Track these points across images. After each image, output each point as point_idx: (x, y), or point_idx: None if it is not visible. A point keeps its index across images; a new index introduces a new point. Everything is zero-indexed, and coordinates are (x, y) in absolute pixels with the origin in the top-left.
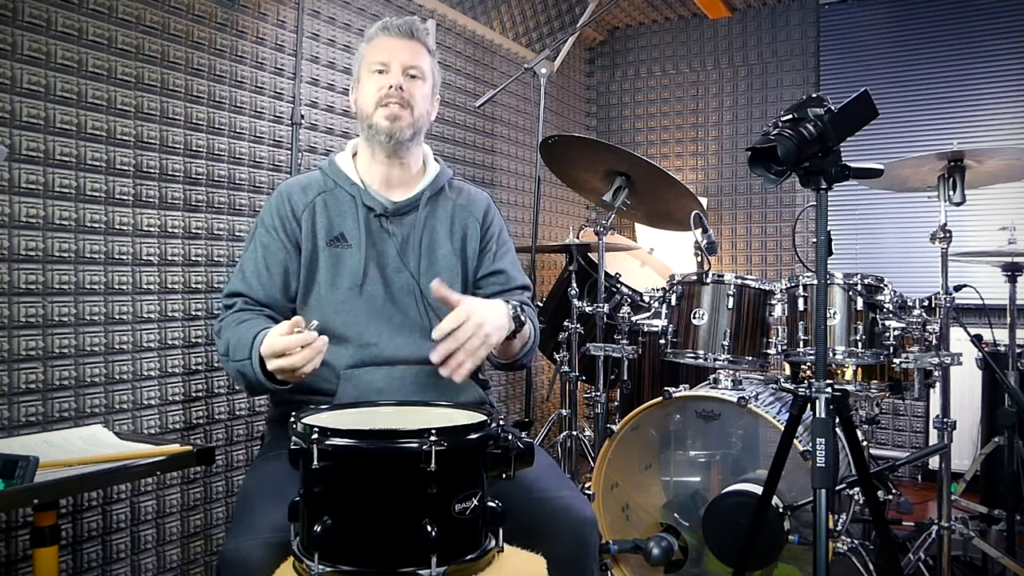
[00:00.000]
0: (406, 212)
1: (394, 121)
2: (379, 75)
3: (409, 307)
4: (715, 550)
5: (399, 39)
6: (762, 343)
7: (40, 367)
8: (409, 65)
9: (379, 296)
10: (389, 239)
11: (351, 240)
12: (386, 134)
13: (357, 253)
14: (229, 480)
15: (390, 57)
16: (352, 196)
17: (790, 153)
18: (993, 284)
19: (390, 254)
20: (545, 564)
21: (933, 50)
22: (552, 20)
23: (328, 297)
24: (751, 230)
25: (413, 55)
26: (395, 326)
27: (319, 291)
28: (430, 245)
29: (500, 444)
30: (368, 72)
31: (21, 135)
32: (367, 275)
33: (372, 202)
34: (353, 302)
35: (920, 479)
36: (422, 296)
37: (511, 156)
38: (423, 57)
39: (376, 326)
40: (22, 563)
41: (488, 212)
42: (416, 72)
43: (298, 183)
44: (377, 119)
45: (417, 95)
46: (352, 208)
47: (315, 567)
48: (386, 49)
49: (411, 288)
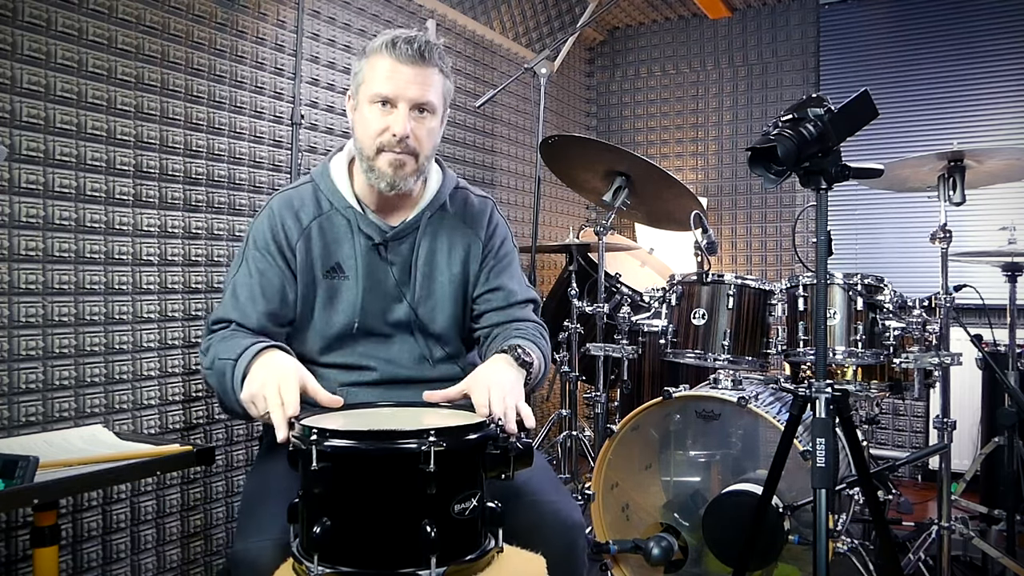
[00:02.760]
0: (405, 235)
1: (397, 170)
2: (382, 108)
3: (406, 336)
4: (715, 550)
5: (409, 66)
6: (762, 343)
7: (40, 367)
8: (419, 102)
9: (376, 327)
10: (387, 267)
11: (348, 271)
12: (388, 182)
13: (354, 287)
14: (229, 480)
15: (396, 91)
16: (347, 220)
17: (790, 153)
18: (993, 284)
19: (388, 283)
20: (545, 564)
21: (933, 50)
22: (552, 20)
23: (324, 329)
24: (751, 230)
25: (423, 88)
26: (392, 354)
27: (315, 323)
28: (429, 273)
29: (499, 445)
30: (369, 101)
31: (21, 135)
32: (365, 310)
33: (370, 228)
34: (349, 334)
35: (920, 479)
36: (419, 326)
37: (511, 156)
38: (435, 86)
39: (373, 354)
40: (22, 563)
41: (490, 224)
42: (426, 107)
43: (290, 205)
44: (379, 164)
45: (424, 136)
46: (348, 235)
47: (315, 568)
48: (391, 79)
49: (408, 318)
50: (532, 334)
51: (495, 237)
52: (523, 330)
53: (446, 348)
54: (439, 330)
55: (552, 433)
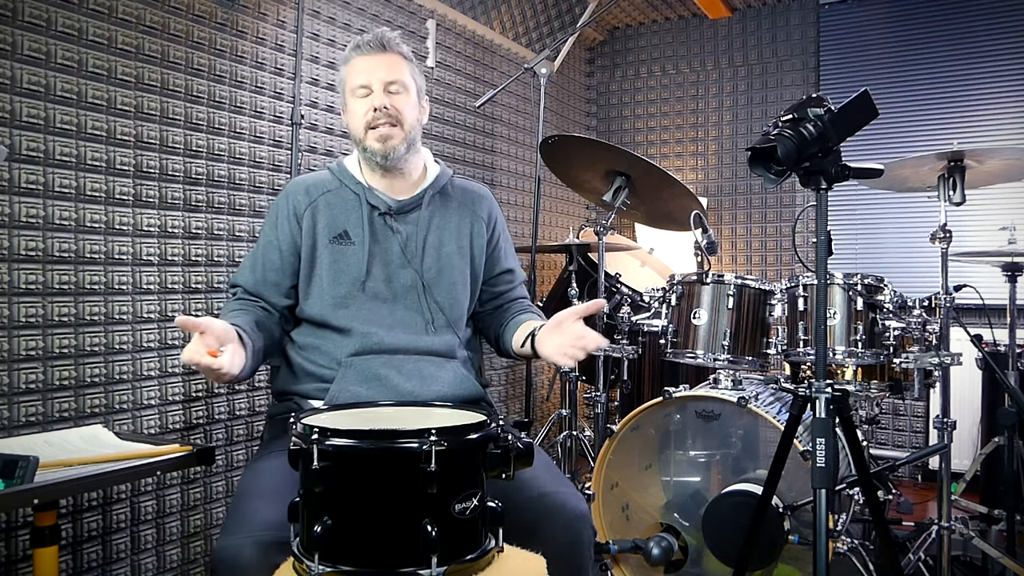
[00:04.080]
0: (410, 210)
1: (386, 142)
2: (362, 98)
3: (411, 303)
4: (715, 550)
5: (373, 55)
6: (762, 343)
7: (40, 367)
8: (388, 81)
9: (381, 292)
10: (393, 236)
11: (354, 237)
12: (381, 155)
13: (360, 250)
14: (229, 480)
15: (369, 77)
16: (356, 194)
17: (790, 153)
18: (993, 284)
19: (394, 251)
20: (545, 564)
21: (933, 50)
22: (552, 20)
23: (330, 291)
24: (751, 230)
25: (390, 69)
26: (396, 320)
27: (321, 286)
28: (436, 243)
29: (500, 444)
30: (352, 97)
31: (21, 135)
32: (370, 272)
33: (376, 200)
34: (355, 297)
35: (920, 479)
36: (425, 292)
37: (511, 156)
38: (401, 68)
39: (377, 320)
40: (22, 563)
41: (492, 208)
42: (397, 86)
43: (304, 182)
44: (369, 142)
45: (403, 108)
46: (356, 206)
47: (315, 567)
48: (363, 70)
49: (414, 284)
50: (538, 312)
51: (498, 221)
52: (531, 309)
53: (447, 313)
54: (443, 296)
55: (552, 433)
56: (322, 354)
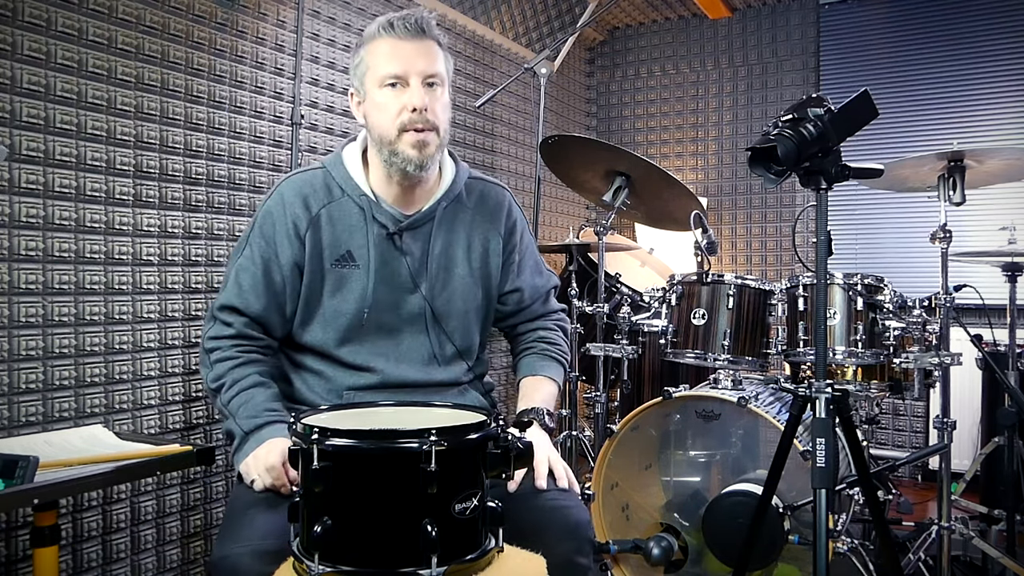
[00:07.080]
0: (420, 225)
1: (423, 149)
2: (394, 89)
3: (418, 331)
4: (715, 550)
5: (410, 41)
6: (762, 343)
7: (40, 367)
8: (429, 74)
9: (387, 322)
10: (401, 257)
11: (359, 260)
12: (416, 164)
13: (365, 275)
14: (229, 480)
15: (405, 67)
16: (361, 209)
17: (790, 153)
18: (993, 284)
19: (402, 274)
20: (545, 564)
21: (933, 50)
22: (552, 20)
23: (332, 320)
24: (751, 230)
25: (430, 59)
26: (402, 352)
27: (323, 313)
28: (446, 265)
29: (500, 444)
30: (378, 85)
31: (21, 135)
32: (375, 299)
33: (384, 217)
34: (358, 327)
35: (920, 479)
36: (433, 319)
37: (511, 156)
38: (439, 58)
39: (382, 352)
40: (22, 563)
41: (509, 217)
42: (436, 80)
43: (299, 191)
44: (403, 147)
45: (439, 109)
46: (361, 223)
47: (315, 567)
48: (397, 56)
49: (422, 310)
50: (552, 343)
51: (515, 232)
52: (545, 340)
53: (457, 344)
54: (453, 324)
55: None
56: (322, 381)
